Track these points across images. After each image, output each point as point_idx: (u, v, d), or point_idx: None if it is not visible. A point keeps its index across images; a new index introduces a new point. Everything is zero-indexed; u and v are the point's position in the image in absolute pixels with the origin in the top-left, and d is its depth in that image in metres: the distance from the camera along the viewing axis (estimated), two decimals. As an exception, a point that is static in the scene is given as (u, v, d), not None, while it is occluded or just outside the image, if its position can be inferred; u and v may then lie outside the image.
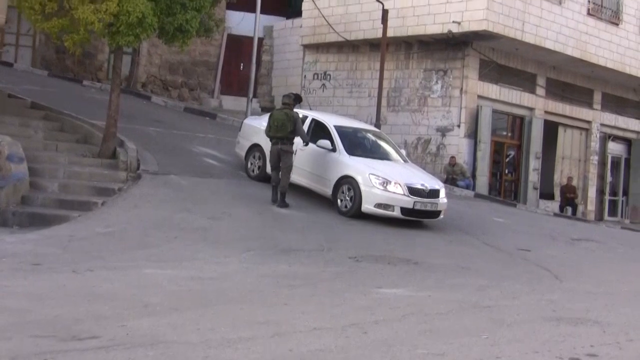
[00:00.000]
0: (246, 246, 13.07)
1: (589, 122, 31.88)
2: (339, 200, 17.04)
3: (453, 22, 25.50)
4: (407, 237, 15.80)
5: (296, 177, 17.68)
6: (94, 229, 13.39)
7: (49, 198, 15.39)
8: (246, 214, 15.58)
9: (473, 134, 26.68)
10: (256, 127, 18.56)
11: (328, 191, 17.35)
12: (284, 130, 16.80)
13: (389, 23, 25.93)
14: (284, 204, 16.61)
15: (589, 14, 28.75)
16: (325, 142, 17.52)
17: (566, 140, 31.30)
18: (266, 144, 17.70)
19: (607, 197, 33.59)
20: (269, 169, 17.63)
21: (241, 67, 32.52)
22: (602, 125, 32.57)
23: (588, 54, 28.59)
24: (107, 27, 16.38)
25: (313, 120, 18.39)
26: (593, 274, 14.52)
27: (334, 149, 17.45)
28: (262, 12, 28.71)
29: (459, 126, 26.59)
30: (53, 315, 7.79)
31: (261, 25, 30.00)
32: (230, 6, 30.45)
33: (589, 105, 31.80)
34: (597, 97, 32.17)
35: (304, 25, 30.63)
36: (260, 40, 31.37)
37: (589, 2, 28.79)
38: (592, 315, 9.85)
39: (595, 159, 32.29)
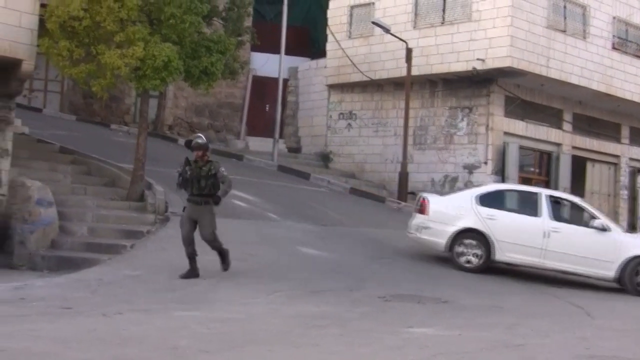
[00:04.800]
0: (273, 287, 13.02)
1: (617, 156, 31.66)
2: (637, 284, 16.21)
3: (477, 59, 25.56)
4: (435, 277, 15.68)
5: (556, 263, 16.42)
6: (122, 272, 13.41)
7: (78, 242, 15.46)
8: (273, 255, 15.57)
9: (500, 171, 26.57)
10: (462, 207, 16.81)
11: (608, 274, 16.26)
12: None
13: (413, 62, 26.06)
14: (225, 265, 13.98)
15: (613, 48, 28.71)
16: (599, 222, 16.35)
17: (595, 175, 31.07)
18: (486, 227, 16.47)
19: (638, 232, 33.20)
20: (499, 254, 16.42)
21: (266, 109, 32.70)
22: (631, 159, 32.31)
23: (614, 89, 28.50)
24: (133, 72, 16.55)
25: (549, 197, 16.91)
26: (625, 311, 14.34)
27: (604, 228, 16.27)
28: (286, 53, 28.95)
29: (485, 163, 26.52)
30: (81, 359, 7.77)
31: (286, 67, 30.23)
32: (255, 48, 30.73)
33: (617, 139, 31.62)
34: (625, 131, 31.98)
35: (328, 65, 30.80)
36: (285, 81, 31.58)
37: (613, 36, 28.76)
38: (625, 354, 9.71)
39: (625, 193, 32.00)
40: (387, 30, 26.58)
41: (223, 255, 13.93)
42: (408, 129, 26.56)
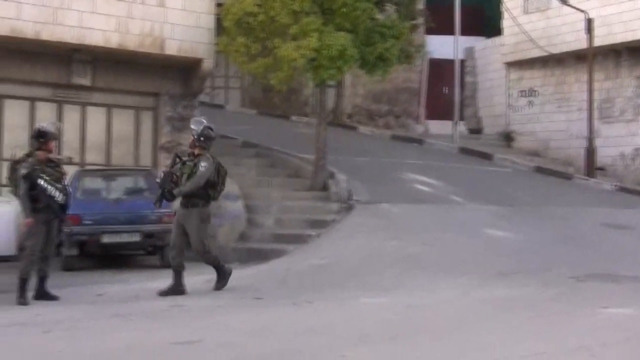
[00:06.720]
0: (460, 271, 12.84)
1: None
2: None
3: (665, 23, 24.35)
4: (631, 254, 15.03)
5: None
6: (309, 261, 13.59)
7: (266, 233, 15.80)
8: (458, 238, 15.35)
9: (695, 140, 25.27)
10: None
11: None
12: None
13: (595, 32, 25.11)
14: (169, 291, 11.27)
15: None
16: None
17: None
18: None
19: None
20: None
21: (444, 91, 32.32)
22: None
23: None
24: (309, 63, 16.70)
25: None
26: None
27: None
28: (461, 33, 28.52)
29: (680, 133, 25.29)
30: (272, 349, 7.85)
31: (461, 47, 29.74)
32: (429, 31, 30.37)
33: None
34: None
35: (505, 42, 30.12)
36: (462, 62, 31.08)
37: None
38: None
39: None
40: (564, 2, 25.74)
41: (219, 271, 11.68)
42: (593, 103, 25.63)
